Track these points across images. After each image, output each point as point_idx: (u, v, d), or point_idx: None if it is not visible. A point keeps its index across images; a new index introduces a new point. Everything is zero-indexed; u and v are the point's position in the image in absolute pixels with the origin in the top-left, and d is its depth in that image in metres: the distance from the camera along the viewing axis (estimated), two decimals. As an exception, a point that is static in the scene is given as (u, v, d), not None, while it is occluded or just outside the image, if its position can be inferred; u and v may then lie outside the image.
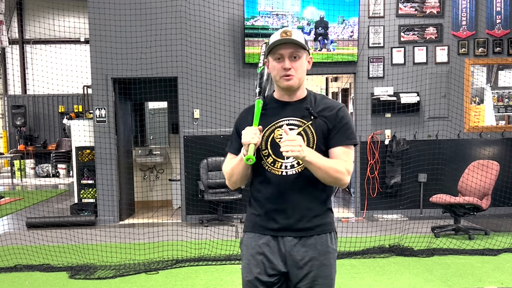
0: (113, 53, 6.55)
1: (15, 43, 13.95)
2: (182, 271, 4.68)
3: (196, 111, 6.75)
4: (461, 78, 6.84)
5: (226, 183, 2.10)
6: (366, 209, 6.91)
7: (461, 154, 6.83)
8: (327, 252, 1.99)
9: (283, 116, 2.00)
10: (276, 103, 2.04)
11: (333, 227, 2.04)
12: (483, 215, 6.28)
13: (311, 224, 1.97)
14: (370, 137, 6.85)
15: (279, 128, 1.98)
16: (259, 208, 2.02)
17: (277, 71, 1.96)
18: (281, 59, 1.94)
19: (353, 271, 4.56)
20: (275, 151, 1.97)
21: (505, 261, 4.83)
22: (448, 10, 6.78)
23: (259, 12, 6.56)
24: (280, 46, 1.93)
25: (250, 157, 1.86)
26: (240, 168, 1.99)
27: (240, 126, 2.07)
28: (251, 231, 2.05)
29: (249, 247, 2.04)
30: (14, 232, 6.34)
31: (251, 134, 1.91)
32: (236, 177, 2.03)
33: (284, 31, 1.94)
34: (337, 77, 9.76)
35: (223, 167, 2.12)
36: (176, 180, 7.56)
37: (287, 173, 1.96)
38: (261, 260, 1.99)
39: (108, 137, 6.73)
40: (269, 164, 1.99)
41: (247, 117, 2.06)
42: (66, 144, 12.50)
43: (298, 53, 1.94)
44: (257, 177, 2.04)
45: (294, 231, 1.97)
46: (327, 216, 2.02)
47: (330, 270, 2.00)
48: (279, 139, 1.95)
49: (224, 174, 2.09)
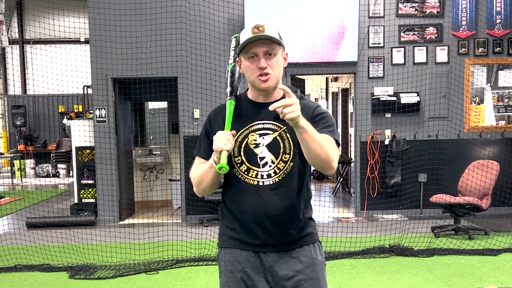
0: (113, 53, 6.55)
1: (15, 43, 13.94)
2: (182, 271, 4.68)
3: (196, 111, 6.75)
4: (461, 78, 6.84)
5: (194, 190, 1.92)
6: (366, 209, 6.91)
7: (461, 154, 6.83)
8: (313, 264, 1.84)
9: (258, 119, 1.82)
10: (250, 104, 1.87)
11: (316, 238, 1.89)
12: (483, 215, 6.27)
13: (292, 238, 1.83)
14: (370, 137, 6.85)
15: (253, 132, 1.82)
16: (234, 221, 1.86)
17: (252, 71, 1.76)
18: (255, 58, 1.75)
19: (353, 271, 4.56)
20: (249, 158, 1.81)
21: (505, 261, 4.83)
22: (448, 10, 6.78)
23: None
24: (252, 43, 1.73)
25: (223, 165, 1.67)
26: (210, 175, 1.80)
27: (210, 128, 1.89)
28: (228, 246, 1.88)
29: (227, 263, 1.88)
30: (14, 232, 6.34)
31: (224, 140, 1.71)
32: (205, 185, 1.84)
33: (255, 26, 1.73)
34: (337, 77, 9.76)
35: (191, 172, 1.92)
36: (176, 180, 7.56)
37: (264, 183, 1.79)
38: (241, 277, 1.84)
39: (108, 137, 6.73)
40: (242, 173, 1.81)
41: (218, 118, 1.89)
42: (66, 144, 12.49)
43: (274, 50, 1.75)
44: (229, 187, 1.86)
45: (274, 246, 1.82)
46: (308, 226, 1.87)
47: (318, 284, 1.84)
48: (254, 145, 1.81)
49: (192, 180, 1.90)
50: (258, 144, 1.82)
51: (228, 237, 1.89)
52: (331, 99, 10.68)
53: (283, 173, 1.81)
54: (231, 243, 1.88)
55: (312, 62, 6.66)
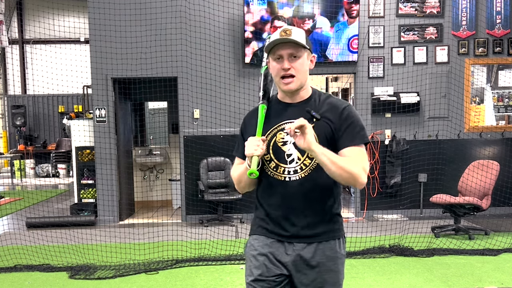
0: (113, 53, 6.55)
1: (15, 43, 13.94)
2: (182, 271, 4.68)
3: (196, 111, 6.75)
4: (461, 78, 6.84)
5: (236, 187, 2.06)
6: (366, 209, 6.91)
7: (461, 154, 6.83)
8: (335, 258, 1.92)
9: (285, 119, 1.91)
10: (278, 105, 1.97)
11: (341, 233, 1.96)
12: (483, 215, 6.27)
13: (318, 231, 1.91)
14: (370, 137, 6.85)
15: (281, 131, 1.91)
16: (263, 212, 1.97)
17: (276, 72, 1.88)
18: (280, 59, 1.86)
19: (353, 271, 4.56)
20: (277, 155, 1.91)
21: (505, 261, 4.83)
22: (448, 10, 6.78)
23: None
24: (279, 45, 1.85)
25: (253, 171, 1.78)
26: (246, 177, 1.90)
27: (245, 131, 2.02)
28: (255, 234, 2.00)
29: (252, 248, 1.99)
30: (14, 232, 6.34)
31: (254, 146, 1.82)
32: (244, 184, 1.99)
33: (284, 30, 1.84)
34: (337, 77, 9.76)
35: (231, 171, 2.07)
36: (176, 180, 7.56)
37: (290, 178, 1.89)
38: (263, 262, 1.93)
39: (108, 137, 6.72)
40: (271, 169, 1.92)
41: (252, 121, 1.99)
42: (66, 144, 12.49)
43: (298, 53, 1.85)
44: (260, 182, 1.98)
45: (301, 237, 1.91)
46: (334, 222, 1.94)
47: (338, 277, 1.93)
48: (282, 143, 1.89)
49: (233, 179, 2.04)
50: (285, 142, 1.91)
51: (257, 226, 2.01)
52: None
53: (309, 169, 1.88)
54: (258, 231, 2.00)
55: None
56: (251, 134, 1.93)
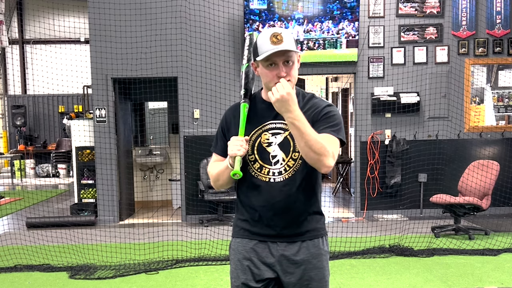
0: (113, 53, 6.55)
1: (15, 43, 13.94)
2: (182, 271, 4.68)
3: (196, 111, 6.75)
4: (461, 78, 6.84)
5: (211, 184, 2.03)
6: (366, 209, 6.91)
7: (461, 154, 6.83)
8: (319, 255, 1.94)
9: (271, 119, 1.89)
10: (263, 104, 1.92)
11: (324, 232, 1.99)
12: (483, 215, 6.28)
13: (301, 230, 1.91)
14: (370, 137, 6.85)
15: (266, 132, 1.89)
16: (246, 213, 1.96)
17: (271, 79, 1.80)
18: (274, 66, 1.79)
19: (353, 271, 4.56)
20: (262, 156, 1.89)
21: (505, 261, 4.83)
22: (448, 10, 6.78)
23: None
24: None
25: (237, 172, 1.76)
26: (225, 176, 1.89)
27: (225, 127, 1.98)
28: (238, 236, 1.99)
29: (236, 252, 1.99)
30: (14, 232, 6.34)
31: (237, 146, 1.80)
32: (222, 182, 1.95)
33: (274, 35, 1.76)
34: (337, 77, 9.76)
35: (209, 168, 2.03)
36: (176, 180, 7.56)
37: (275, 180, 1.88)
38: (248, 266, 1.94)
39: (108, 137, 6.73)
40: (255, 170, 1.90)
41: (233, 118, 1.95)
42: (66, 144, 12.49)
43: (291, 58, 1.80)
44: (243, 182, 1.94)
45: (285, 237, 1.91)
46: (317, 220, 1.96)
47: (323, 273, 1.95)
48: (267, 144, 1.88)
49: (209, 176, 2.01)
50: (270, 143, 1.90)
51: (239, 228, 2.00)
52: (331, 99, 10.67)
53: (292, 170, 1.88)
54: (240, 233, 1.99)
55: (312, 62, 6.66)
56: (233, 133, 1.90)
